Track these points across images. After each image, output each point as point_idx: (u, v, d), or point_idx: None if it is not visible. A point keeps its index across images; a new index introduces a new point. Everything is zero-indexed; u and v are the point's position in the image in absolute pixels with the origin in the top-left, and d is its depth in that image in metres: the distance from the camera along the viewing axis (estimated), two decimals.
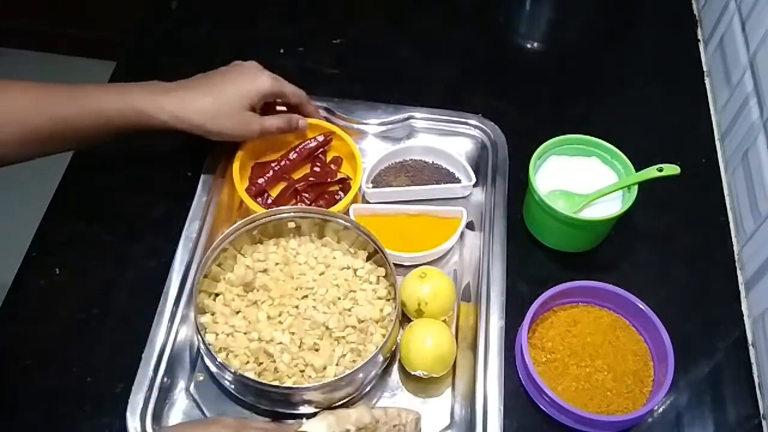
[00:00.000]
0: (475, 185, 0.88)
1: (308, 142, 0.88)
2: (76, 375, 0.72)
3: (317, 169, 0.88)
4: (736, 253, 0.84)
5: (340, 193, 0.86)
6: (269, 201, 0.85)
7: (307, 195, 0.85)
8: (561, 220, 0.77)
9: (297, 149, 0.88)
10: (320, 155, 0.89)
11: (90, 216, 0.85)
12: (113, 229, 0.84)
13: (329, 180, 0.87)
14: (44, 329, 0.76)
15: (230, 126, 0.78)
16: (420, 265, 0.80)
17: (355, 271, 0.77)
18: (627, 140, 0.82)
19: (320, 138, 0.88)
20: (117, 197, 0.87)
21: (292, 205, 0.84)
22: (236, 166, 0.83)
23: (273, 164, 0.87)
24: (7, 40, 2.18)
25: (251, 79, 0.80)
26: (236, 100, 0.78)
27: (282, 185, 0.87)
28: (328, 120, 0.91)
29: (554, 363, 0.73)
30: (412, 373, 0.72)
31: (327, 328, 0.72)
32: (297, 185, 0.85)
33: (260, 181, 0.85)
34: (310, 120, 0.87)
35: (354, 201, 0.83)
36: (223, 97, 0.78)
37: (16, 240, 0.89)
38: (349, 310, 0.73)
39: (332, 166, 0.89)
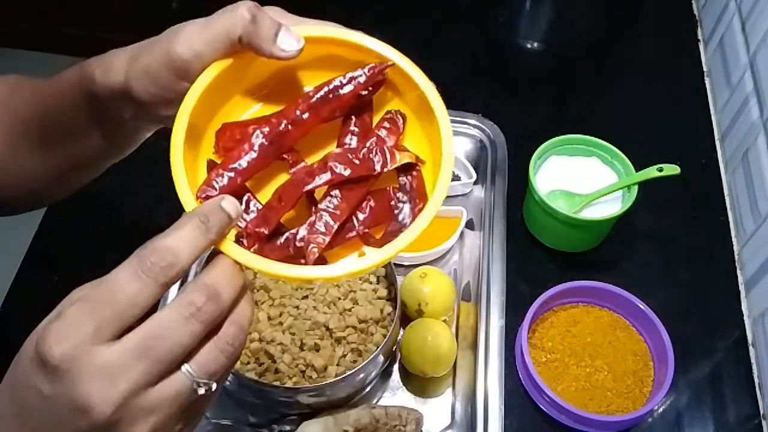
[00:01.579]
0: (474, 184, 0.88)
1: (336, 81, 0.43)
2: None
3: (353, 140, 0.44)
4: (736, 253, 0.84)
5: (401, 200, 0.43)
6: (252, 209, 0.41)
7: (334, 203, 0.41)
8: (561, 220, 0.77)
9: (313, 96, 0.43)
10: (362, 112, 0.45)
11: (90, 218, 0.85)
12: (113, 231, 0.84)
13: (381, 168, 0.42)
14: None
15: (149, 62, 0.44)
16: (420, 265, 0.80)
17: None
18: (627, 140, 0.82)
19: (361, 74, 0.43)
20: (117, 198, 0.87)
21: (304, 222, 0.41)
22: (179, 132, 0.41)
23: (261, 128, 0.42)
24: (7, 40, 2.18)
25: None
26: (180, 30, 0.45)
27: (281, 175, 0.43)
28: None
29: (554, 363, 0.73)
30: (413, 373, 0.72)
31: (327, 328, 0.72)
32: (312, 180, 0.41)
33: (234, 166, 0.41)
34: (316, 31, 0.43)
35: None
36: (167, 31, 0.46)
37: (16, 240, 0.89)
38: (350, 310, 0.73)
39: (386, 135, 0.44)
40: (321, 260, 0.40)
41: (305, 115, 0.42)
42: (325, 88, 0.43)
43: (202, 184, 0.41)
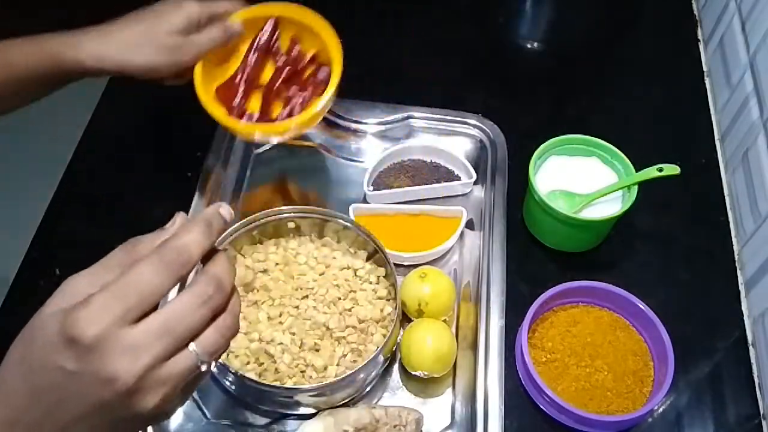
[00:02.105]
0: (474, 184, 0.88)
1: (257, 38, 0.77)
2: None
3: (280, 63, 0.78)
4: (736, 253, 0.84)
5: (320, 71, 0.78)
6: (255, 120, 0.76)
7: (290, 95, 0.77)
8: (561, 220, 0.77)
9: (251, 51, 0.78)
10: (275, 47, 0.79)
11: (90, 216, 0.85)
12: (113, 230, 0.84)
13: (299, 66, 0.78)
14: None
15: (159, 57, 0.70)
16: (420, 265, 0.80)
17: (355, 271, 0.77)
18: (627, 140, 0.82)
19: (267, 28, 0.78)
20: (117, 197, 0.87)
21: (281, 109, 0.76)
22: (204, 97, 0.73)
23: (236, 78, 0.77)
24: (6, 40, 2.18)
25: (176, 5, 0.71)
26: (161, 27, 0.69)
27: (258, 96, 0.78)
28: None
29: (554, 363, 0.73)
30: (413, 373, 0.72)
31: (327, 328, 0.72)
32: (273, 86, 0.77)
33: (235, 103, 0.76)
34: (238, 14, 0.75)
35: (337, 89, 0.75)
36: (147, 28, 0.69)
37: (16, 240, 0.89)
38: (350, 310, 0.73)
39: (294, 50, 0.79)
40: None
41: (252, 59, 0.77)
42: (254, 42, 0.77)
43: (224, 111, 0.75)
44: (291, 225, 0.78)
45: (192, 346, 0.39)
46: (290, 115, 0.75)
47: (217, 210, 0.43)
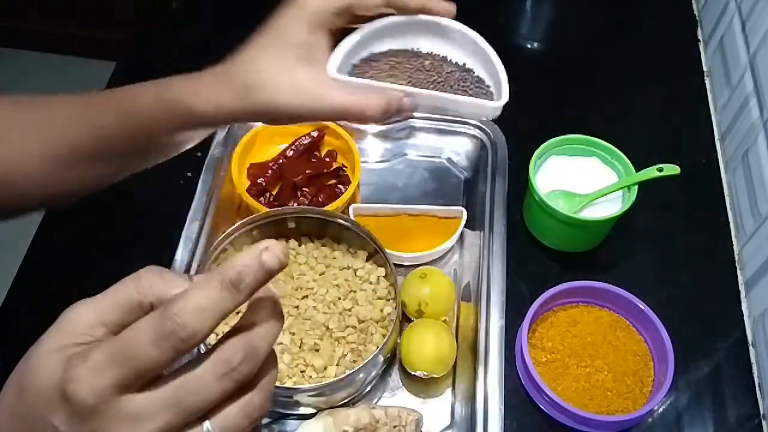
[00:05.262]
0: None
1: (302, 138, 0.89)
2: None
3: (313, 161, 0.89)
4: (736, 253, 0.84)
5: (339, 186, 0.87)
6: (271, 200, 0.86)
7: (306, 190, 0.86)
8: (561, 220, 0.77)
9: (292, 146, 0.89)
10: (315, 151, 0.90)
11: (90, 216, 0.85)
12: (113, 230, 0.84)
13: (325, 171, 0.88)
14: (44, 329, 0.76)
15: (294, 101, 0.54)
16: (420, 265, 0.80)
17: (355, 271, 0.77)
18: (627, 140, 0.82)
19: (314, 134, 0.89)
20: (117, 197, 0.87)
21: (293, 202, 0.84)
22: (234, 167, 0.84)
23: (270, 163, 0.88)
24: (7, 40, 2.18)
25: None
26: (292, 45, 0.55)
27: (281, 183, 0.88)
28: None
29: (554, 363, 0.73)
30: (413, 373, 0.72)
31: (327, 328, 0.72)
32: (295, 179, 0.86)
33: (260, 180, 0.86)
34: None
35: (353, 199, 0.83)
36: (272, 49, 0.56)
37: (16, 240, 0.89)
38: (350, 310, 0.73)
39: (327, 159, 0.90)
40: None
41: (289, 153, 0.89)
42: (296, 141, 0.89)
43: (249, 184, 0.88)
44: (291, 225, 0.78)
45: (207, 424, 0.32)
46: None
47: (258, 256, 0.34)
